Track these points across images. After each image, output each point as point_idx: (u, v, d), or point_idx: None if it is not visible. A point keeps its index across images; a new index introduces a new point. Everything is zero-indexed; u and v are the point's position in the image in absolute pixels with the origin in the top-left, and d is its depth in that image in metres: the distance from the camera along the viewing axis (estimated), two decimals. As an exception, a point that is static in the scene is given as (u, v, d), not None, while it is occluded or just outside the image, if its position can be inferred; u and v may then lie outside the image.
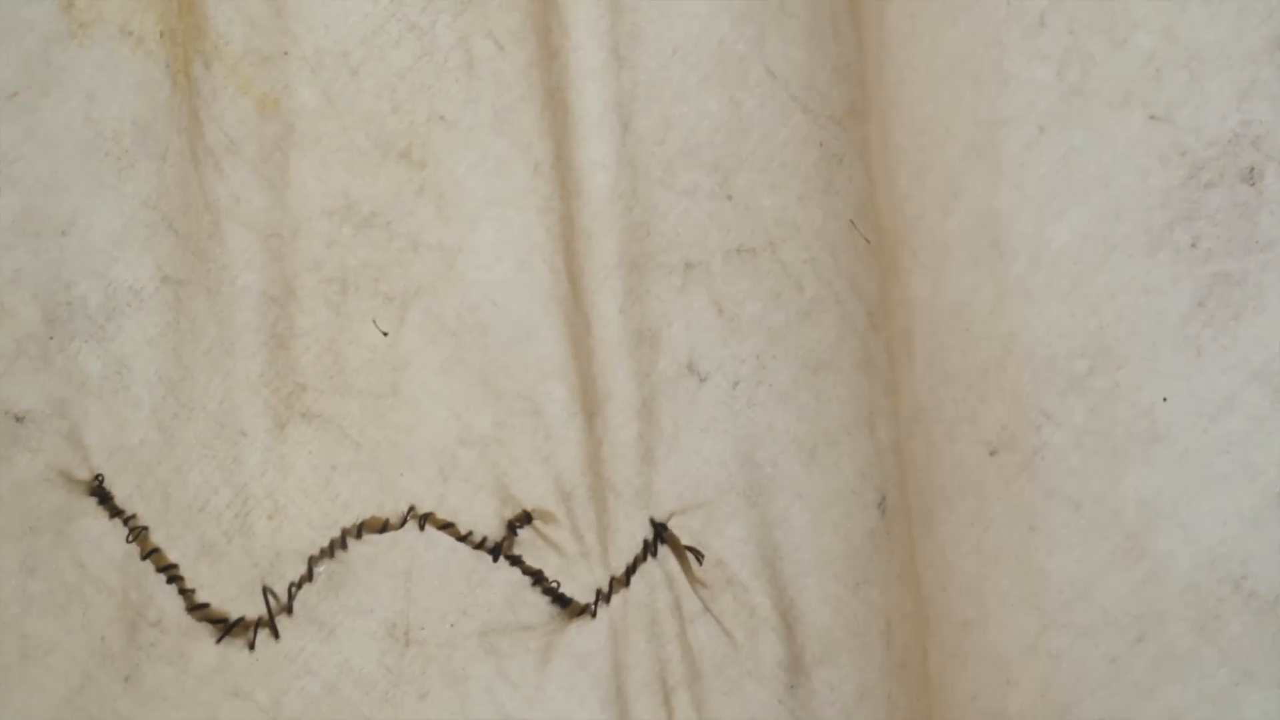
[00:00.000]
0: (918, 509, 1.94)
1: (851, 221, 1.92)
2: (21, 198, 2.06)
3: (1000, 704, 1.81)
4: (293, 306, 2.12)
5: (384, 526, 2.09)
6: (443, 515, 2.10)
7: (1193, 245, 1.75)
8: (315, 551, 2.07)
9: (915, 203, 1.89)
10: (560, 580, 2.04)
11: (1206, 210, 1.74)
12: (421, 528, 2.10)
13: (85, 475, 2.03)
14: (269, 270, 2.11)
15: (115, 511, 2.02)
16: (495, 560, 2.09)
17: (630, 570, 2.01)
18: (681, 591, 2.00)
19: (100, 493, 2.03)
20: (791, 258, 1.99)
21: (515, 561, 2.06)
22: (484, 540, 2.09)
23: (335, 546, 2.06)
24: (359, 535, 2.08)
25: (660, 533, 2.00)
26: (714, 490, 2.00)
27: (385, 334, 2.01)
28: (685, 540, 2.00)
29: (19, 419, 2.06)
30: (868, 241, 1.92)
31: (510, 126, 2.09)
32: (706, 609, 1.99)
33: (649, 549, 2.01)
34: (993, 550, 1.82)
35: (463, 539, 2.08)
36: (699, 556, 1.99)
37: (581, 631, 2.01)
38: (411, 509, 2.09)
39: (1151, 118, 1.74)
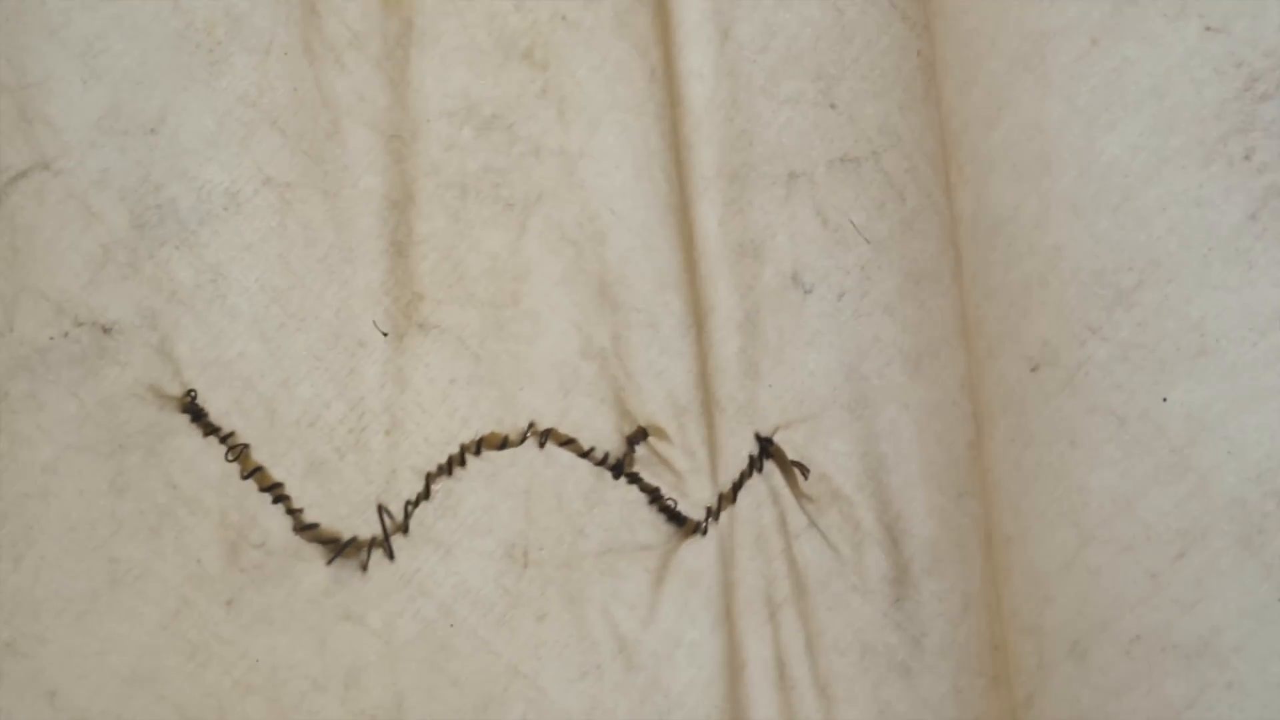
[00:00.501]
0: (968, 425, 1.33)
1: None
2: (108, 92, 1.20)
3: (1037, 619, 1.23)
4: (411, 212, 1.26)
5: (504, 443, 1.29)
6: (564, 431, 1.30)
7: (1246, 158, 1.18)
8: (433, 468, 1.26)
9: (959, 117, 1.29)
10: (675, 498, 1.29)
11: (1261, 122, 1.17)
12: (542, 445, 1.28)
13: (177, 390, 1.21)
14: (391, 173, 1.26)
15: (210, 429, 1.21)
16: (616, 478, 1.29)
17: (737, 486, 1.30)
18: (787, 507, 1.30)
19: (193, 409, 1.21)
20: (893, 167, 1.32)
21: (633, 479, 1.30)
22: (605, 457, 1.30)
23: (454, 463, 1.26)
24: (478, 452, 1.28)
25: (765, 448, 1.31)
26: (818, 404, 1.30)
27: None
28: (790, 455, 1.30)
29: (107, 330, 1.19)
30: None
31: (629, 29, 1.31)
32: (812, 524, 1.30)
33: (754, 464, 1.31)
34: (1032, 466, 1.23)
35: (584, 455, 1.30)
36: (804, 471, 1.30)
37: (692, 550, 1.29)
38: (532, 425, 1.29)
39: (1207, 29, 1.18)
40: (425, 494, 1.23)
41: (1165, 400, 1.18)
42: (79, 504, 1.15)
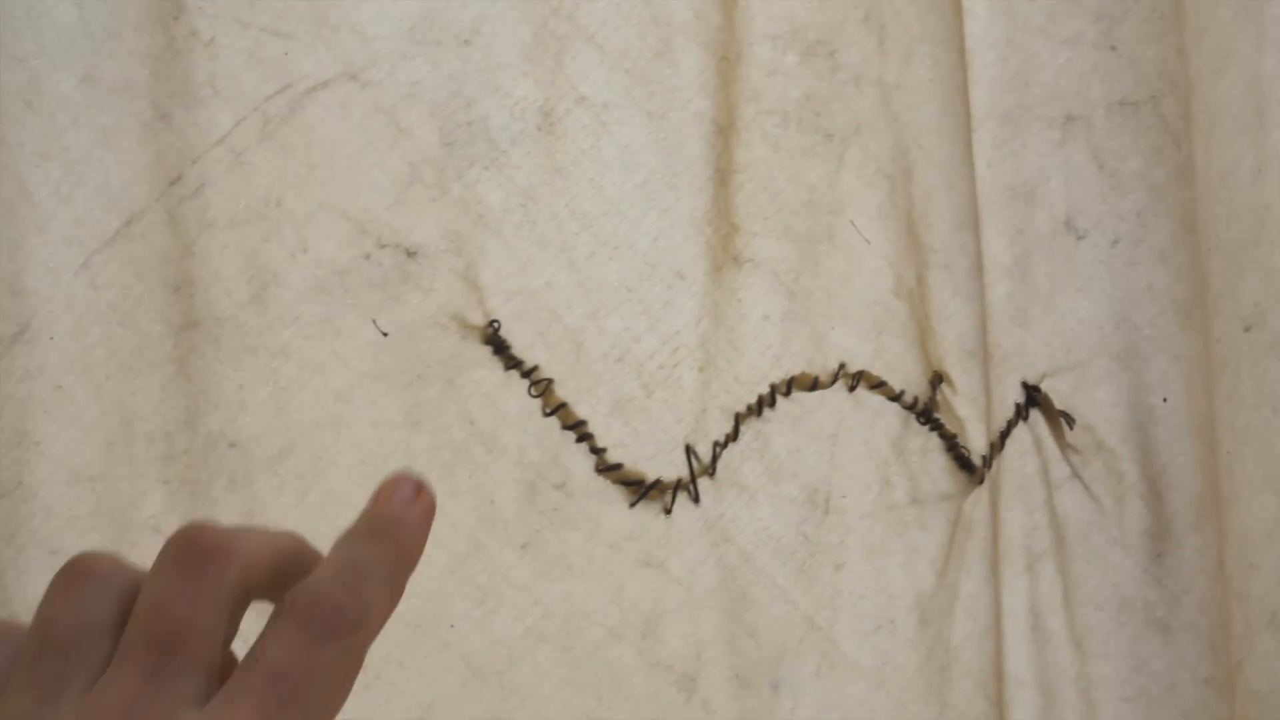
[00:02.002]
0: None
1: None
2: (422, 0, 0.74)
3: (1245, 586, 0.86)
4: (732, 139, 0.80)
5: (814, 384, 0.81)
6: (876, 372, 0.82)
7: None
8: (742, 408, 0.80)
9: (1194, 65, 0.87)
10: (966, 446, 0.83)
11: None
12: (853, 388, 0.82)
13: (480, 320, 0.75)
14: (719, 97, 0.80)
15: (512, 362, 0.76)
16: (922, 424, 0.83)
17: (1004, 434, 0.85)
18: (1050, 457, 0.85)
19: (495, 341, 0.75)
20: (1170, 113, 0.85)
21: (936, 425, 0.83)
22: (915, 401, 0.83)
23: (764, 404, 0.80)
24: (788, 393, 0.81)
25: (1032, 396, 0.86)
26: (1086, 352, 0.85)
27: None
28: (1055, 404, 0.85)
29: (410, 254, 0.75)
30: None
31: None
32: (1075, 475, 0.85)
33: (1020, 412, 0.85)
34: (1243, 429, 0.86)
35: (895, 399, 0.82)
36: (1070, 421, 0.85)
37: (970, 499, 0.84)
38: (842, 366, 0.81)
39: (1403, -23, 0.79)
40: (734, 435, 0.82)
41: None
42: (372, 436, 0.76)
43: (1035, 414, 0.88)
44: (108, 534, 0.69)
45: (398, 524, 0.38)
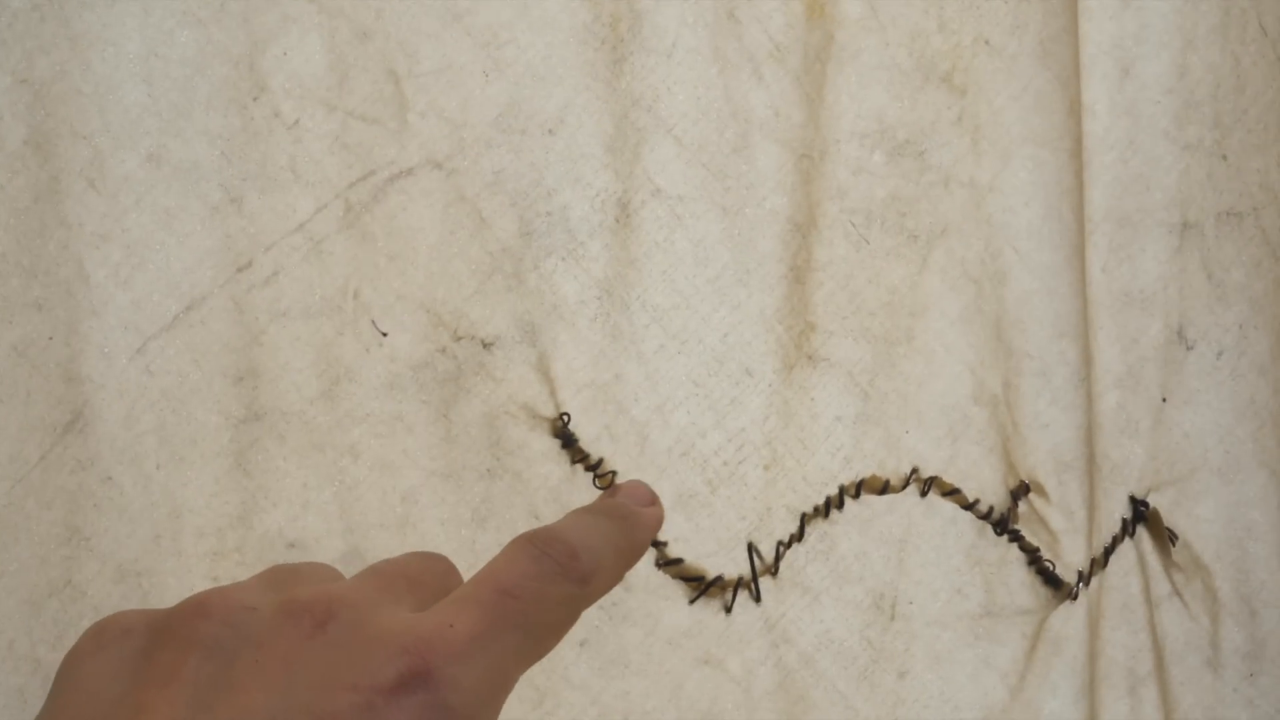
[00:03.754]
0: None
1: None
2: (509, 88, 0.68)
3: None
4: (812, 237, 0.73)
5: (884, 487, 0.75)
6: (949, 479, 0.75)
7: None
8: (809, 509, 0.74)
9: None
10: (1052, 560, 0.76)
11: None
12: (924, 493, 0.75)
13: (550, 412, 0.69)
14: (797, 194, 0.73)
15: (579, 455, 0.69)
16: (999, 534, 0.76)
17: (1109, 551, 0.78)
18: (1152, 574, 0.78)
19: (565, 435, 0.69)
20: (1270, 225, 0.80)
21: (1015, 537, 0.76)
22: (990, 511, 0.75)
23: (831, 505, 0.74)
24: (857, 495, 0.74)
25: (1140, 511, 0.78)
26: (1188, 466, 0.78)
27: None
28: (1162, 519, 0.78)
29: (486, 345, 0.68)
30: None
31: (1054, 59, 0.76)
32: (1175, 593, 0.78)
33: (1126, 528, 0.78)
34: None
35: (968, 508, 0.75)
36: (1174, 537, 0.78)
37: (1060, 615, 0.76)
38: (915, 471, 0.75)
39: None
40: (799, 535, 0.76)
41: None
42: (438, 536, 0.69)
43: (1140, 530, 0.81)
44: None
45: (633, 514, 0.38)
